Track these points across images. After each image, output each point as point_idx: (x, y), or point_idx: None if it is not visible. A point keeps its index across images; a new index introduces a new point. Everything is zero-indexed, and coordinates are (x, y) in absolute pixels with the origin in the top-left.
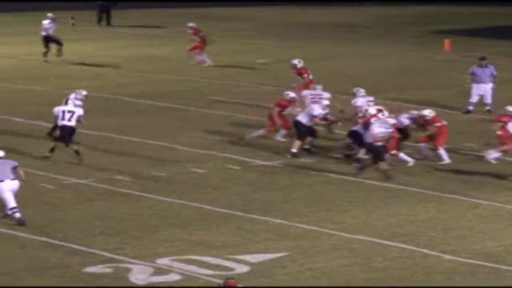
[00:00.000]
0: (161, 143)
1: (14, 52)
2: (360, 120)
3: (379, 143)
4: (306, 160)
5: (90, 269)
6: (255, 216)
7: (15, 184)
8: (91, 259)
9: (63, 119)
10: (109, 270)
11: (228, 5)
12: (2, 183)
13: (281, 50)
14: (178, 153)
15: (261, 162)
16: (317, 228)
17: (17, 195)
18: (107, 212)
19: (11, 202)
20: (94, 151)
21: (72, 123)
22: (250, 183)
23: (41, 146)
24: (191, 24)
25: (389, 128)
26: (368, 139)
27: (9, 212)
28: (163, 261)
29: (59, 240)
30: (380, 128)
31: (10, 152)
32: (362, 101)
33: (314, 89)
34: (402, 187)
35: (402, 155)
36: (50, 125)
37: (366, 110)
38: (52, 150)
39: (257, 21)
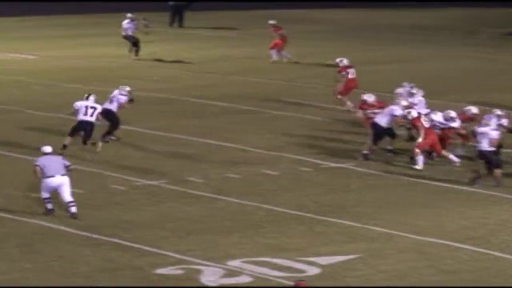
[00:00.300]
0: (234, 145)
1: (87, 53)
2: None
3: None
4: (377, 162)
5: (161, 271)
6: (326, 218)
7: (64, 179)
8: (162, 260)
9: (85, 114)
10: (180, 272)
11: (301, 6)
12: (52, 178)
13: (358, 52)
14: (251, 155)
15: (333, 164)
16: (388, 230)
17: (87, 195)
18: (178, 213)
19: (68, 197)
20: (167, 152)
21: (93, 119)
22: (322, 185)
23: (109, 148)
24: (272, 22)
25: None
26: (484, 145)
27: (51, 205)
28: (234, 263)
29: (130, 241)
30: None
31: (77, 153)
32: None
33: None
34: (475, 189)
35: (451, 156)
36: (122, 127)
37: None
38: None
39: (331, 23)
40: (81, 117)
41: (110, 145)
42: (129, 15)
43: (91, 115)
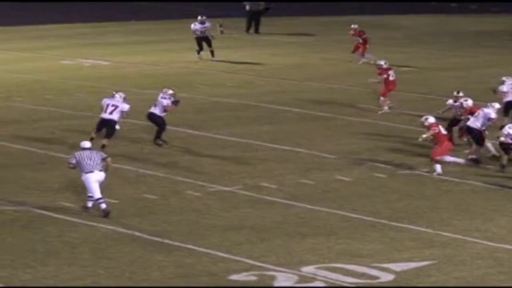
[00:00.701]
0: (308, 151)
1: (160, 59)
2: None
3: None
4: (452, 168)
5: (235, 277)
6: (400, 224)
7: (102, 175)
8: (236, 266)
9: (105, 111)
10: (253, 278)
11: (378, 12)
12: (91, 174)
13: (435, 59)
14: (325, 161)
15: (407, 171)
16: (462, 237)
17: (160, 201)
18: (252, 219)
19: (97, 193)
20: (240, 158)
21: (112, 116)
22: (396, 191)
23: (183, 153)
24: (354, 26)
25: None
26: None
27: (91, 203)
28: (308, 269)
29: (204, 247)
30: None
31: (152, 159)
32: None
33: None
34: None
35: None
36: (196, 133)
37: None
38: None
39: (409, 29)
40: (102, 114)
41: (182, 151)
42: (200, 17)
43: (111, 113)
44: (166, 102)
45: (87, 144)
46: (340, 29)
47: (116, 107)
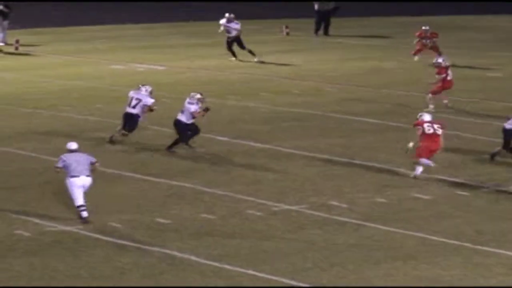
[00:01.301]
0: (382, 165)
1: (221, 64)
2: None
3: None
4: None
5: None
6: (486, 248)
7: (88, 181)
8: None
9: (129, 105)
10: None
11: (462, 12)
12: (76, 178)
13: None
14: (401, 177)
15: (494, 187)
16: None
17: (219, 221)
18: (321, 242)
19: (80, 200)
20: (307, 174)
21: (135, 110)
22: (481, 211)
23: (244, 168)
24: (425, 27)
25: None
26: None
27: (85, 213)
28: None
29: (268, 273)
30: None
31: (210, 175)
32: None
33: None
34: None
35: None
36: (259, 145)
37: None
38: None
39: (496, 30)
40: (126, 108)
41: (243, 166)
42: (227, 15)
43: (134, 107)
44: (194, 107)
45: (73, 145)
46: (416, 31)
47: (140, 100)
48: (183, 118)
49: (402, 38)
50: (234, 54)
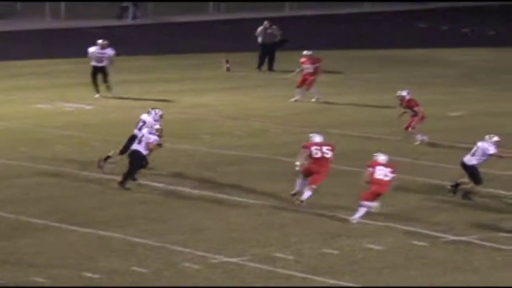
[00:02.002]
0: (334, 213)
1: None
2: None
3: None
4: (509, 235)
5: None
6: None
7: None
8: None
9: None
10: None
11: (422, 45)
12: None
13: (493, 102)
14: (352, 225)
15: (453, 237)
16: None
17: (150, 275)
18: None
19: None
20: (251, 223)
21: (140, 147)
22: (439, 263)
23: (181, 217)
24: (308, 52)
25: None
26: None
27: None
28: None
29: None
30: None
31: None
32: None
33: None
34: None
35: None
36: (196, 192)
37: None
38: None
39: (464, 66)
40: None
41: (180, 215)
42: (100, 41)
43: (139, 129)
44: (153, 139)
45: None
46: (374, 65)
47: (144, 123)
48: (141, 148)
49: (354, 74)
50: (97, 89)
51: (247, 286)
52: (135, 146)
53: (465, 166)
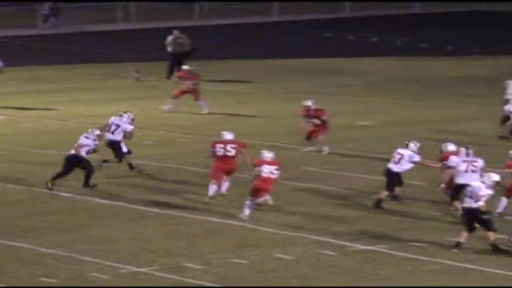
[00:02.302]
0: (243, 223)
1: (66, 112)
2: None
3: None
4: (417, 244)
5: None
6: None
7: None
8: None
9: (109, 131)
10: None
11: (331, 55)
12: None
13: (394, 111)
14: (261, 235)
15: (362, 247)
16: None
17: (64, 281)
18: None
19: None
20: (160, 232)
21: (116, 136)
22: (348, 273)
23: (89, 227)
24: (186, 67)
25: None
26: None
27: None
28: None
29: None
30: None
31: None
32: None
33: None
34: None
35: None
36: (107, 202)
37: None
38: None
39: (370, 75)
40: (106, 134)
41: (89, 224)
42: None
43: (112, 133)
44: (87, 142)
45: None
46: (281, 75)
47: (118, 126)
48: (81, 152)
49: (264, 83)
50: None
51: None
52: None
53: (389, 174)
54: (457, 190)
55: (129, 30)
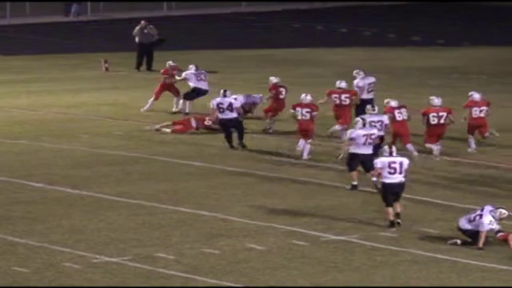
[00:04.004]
0: (213, 213)
1: (35, 103)
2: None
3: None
4: (388, 234)
5: None
6: None
7: None
8: None
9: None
10: None
11: (298, 45)
12: None
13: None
14: (233, 225)
15: (333, 237)
16: None
17: (31, 275)
18: None
19: None
20: (131, 223)
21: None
22: (319, 263)
23: (60, 217)
24: (169, 63)
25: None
26: None
27: None
28: None
29: None
30: None
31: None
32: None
33: None
34: (504, 267)
35: None
36: (76, 192)
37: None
38: None
39: (339, 66)
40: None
41: (59, 214)
42: None
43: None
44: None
45: None
46: (250, 65)
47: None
48: None
49: (231, 73)
50: None
51: (128, 285)
52: None
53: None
54: (352, 158)
55: (97, 21)
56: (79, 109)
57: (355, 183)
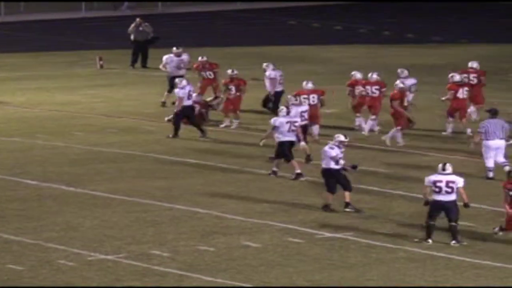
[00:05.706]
0: (209, 211)
1: (29, 100)
2: None
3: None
4: (383, 231)
5: None
6: None
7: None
8: None
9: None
10: None
11: (295, 43)
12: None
13: None
14: (228, 223)
15: (329, 234)
16: None
17: (27, 273)
18: None
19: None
20: (126, 220)
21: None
22: (315, 260)
23: (55, 214)
24: (202, 58)
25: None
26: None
27: None
28: None
29: None
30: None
31: (17, 222)
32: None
33: None
34: (499, 264)
35: None
36: (71, 189)
37: None
38: None
39: (334, 63)
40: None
41: (54, 211)
42: None
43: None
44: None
45: None
46: (247, 62)
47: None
48: None
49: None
50: None
51: (123, 284)
52: None
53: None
54: (281, 145)
55: (92, 18)
56: (74, 107)
57: (298, 171)
